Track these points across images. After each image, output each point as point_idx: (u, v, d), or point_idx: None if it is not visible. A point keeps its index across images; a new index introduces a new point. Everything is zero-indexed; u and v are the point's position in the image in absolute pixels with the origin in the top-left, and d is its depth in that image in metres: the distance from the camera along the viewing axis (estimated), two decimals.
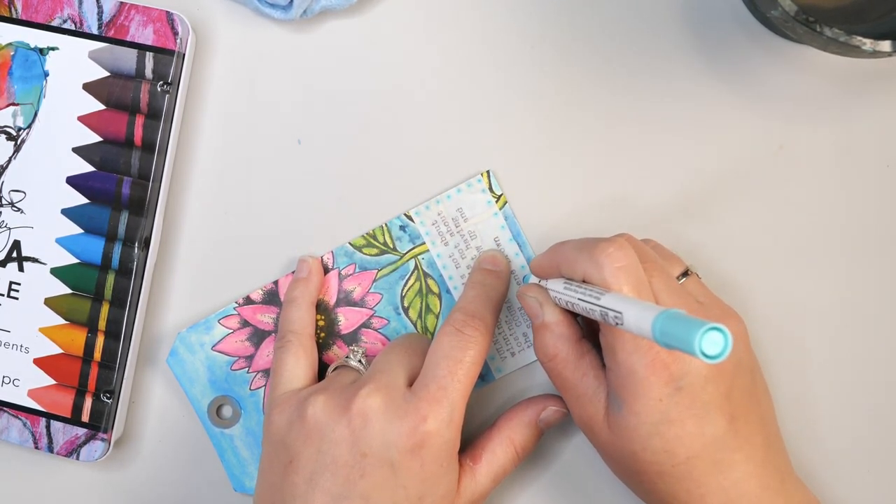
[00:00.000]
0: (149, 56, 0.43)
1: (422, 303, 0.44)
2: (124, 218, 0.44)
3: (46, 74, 0.44)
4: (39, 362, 0.44)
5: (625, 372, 0.36)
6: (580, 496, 0.44)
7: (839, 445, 0.44)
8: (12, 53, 0.44)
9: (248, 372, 0.44)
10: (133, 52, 0.43)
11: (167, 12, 0.43)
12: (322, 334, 0.44)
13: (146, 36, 0.43)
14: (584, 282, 0.36)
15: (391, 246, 0.44)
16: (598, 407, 0.38)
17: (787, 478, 0.38)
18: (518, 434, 0.41)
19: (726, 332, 0.28)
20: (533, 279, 0.41)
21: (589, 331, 0.41)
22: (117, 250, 0.44)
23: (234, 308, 0.44)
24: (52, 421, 0.44)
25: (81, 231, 0.44)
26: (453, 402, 0.38)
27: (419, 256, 0.44)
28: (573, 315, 0.39)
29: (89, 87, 0.44)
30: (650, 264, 0.37)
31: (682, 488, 0.37)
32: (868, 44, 0.36)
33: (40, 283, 0.44)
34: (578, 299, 0.36)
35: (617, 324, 0.33)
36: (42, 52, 0.44)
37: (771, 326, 0.43)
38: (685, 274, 0.40)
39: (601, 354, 0.39)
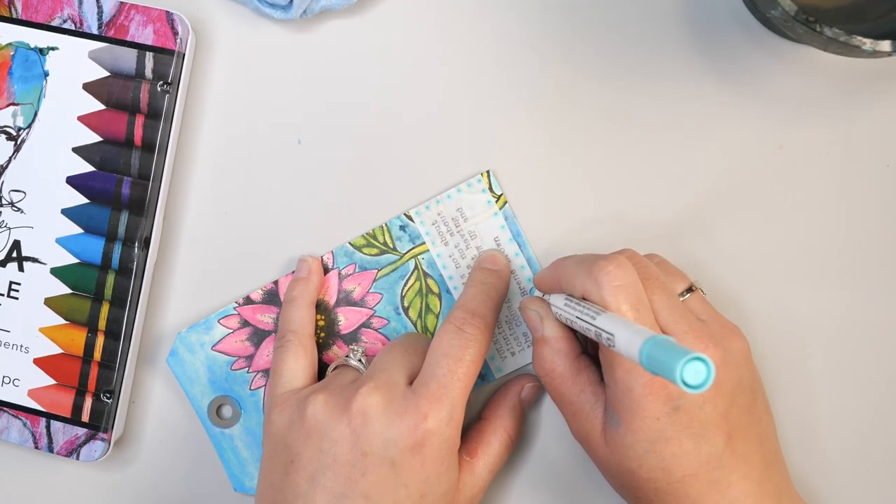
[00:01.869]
0: (149, 56, 0.43)
1: (422, 303, 0.44)
2: (124, 218, 0.44)
3: (46, 74, 0.44)
4: (39, 362, 0.44)
5: (623, 390, 0.36)
6: (578, 495, 0.44)
7: (840, 457, 0.43)
8: (12, 53, 0.44)
9: (248, 372, 0.44)
10: (133, 52, 0.43)
11: (167, 12, 0.43)
12: (322, 334, 0.44)
13: (146, 36, 0.43)
14: (583, 299, 0.36)
15: (391, 246, 0.44)
16: (595, 423, 0.38)
17: (785, 495, 0.38)
18: (508, 421, 0.42)
19: (709, 363, 0.28)
20: (536, 292, 0.41)
21: (590, 346, 0.41)
22: (117, 250, 0.44)
23: (234, 308, 0.44)
24: (52, 421, 0.44)
25: (81, 231, 0.44)
26: (453, 400, 0.38)
27: (419, 256, 0.44)
28: (573, 330, 0.39)
29: (89, 87, 0.44)
30: (651, 282, 0.37)
31: None
32: (868, 44, 0.36)
33: (40, 283, 0.44)
34: (576, 317, 0.36)
35: (610, 345, 0.33)
36: (42, 52, 0.44)
37: (770, 328, 0.43)
38: (689, 290, 0.39)
39: (600, 370, 0.38)
